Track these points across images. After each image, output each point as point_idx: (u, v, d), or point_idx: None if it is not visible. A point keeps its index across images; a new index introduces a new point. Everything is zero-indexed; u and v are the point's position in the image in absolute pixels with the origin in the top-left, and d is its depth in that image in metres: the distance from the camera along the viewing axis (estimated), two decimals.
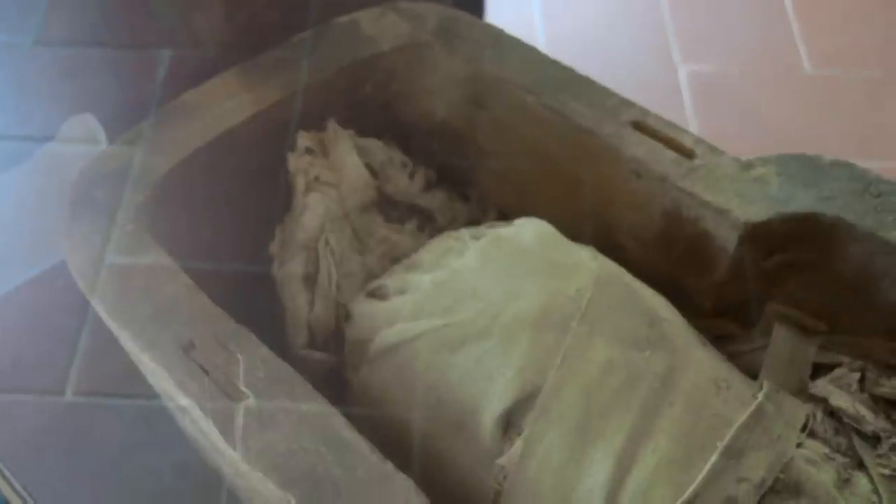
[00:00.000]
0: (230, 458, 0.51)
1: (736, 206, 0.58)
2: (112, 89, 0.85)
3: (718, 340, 0.60)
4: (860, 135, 1.04)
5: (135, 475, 0.76)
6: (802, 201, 0.58)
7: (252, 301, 0.60)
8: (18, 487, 0.62)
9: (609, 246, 0.61)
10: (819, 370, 0.58)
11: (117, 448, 0.77)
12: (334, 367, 0.59)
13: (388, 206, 0.64)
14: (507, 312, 0.53)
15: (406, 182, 0.64)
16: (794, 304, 0.61)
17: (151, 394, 0.64)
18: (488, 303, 0.54)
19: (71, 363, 0.84)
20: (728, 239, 0.58)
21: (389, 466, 0.48)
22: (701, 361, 0.54)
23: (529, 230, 0.58)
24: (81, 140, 0.72)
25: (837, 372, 0.57)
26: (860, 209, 0.58)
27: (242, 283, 0.61)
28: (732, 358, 0.59)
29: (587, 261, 0.56)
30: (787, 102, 1.09)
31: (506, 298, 0.53)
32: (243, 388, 0.51)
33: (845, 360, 0.57)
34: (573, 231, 0.60)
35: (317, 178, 0.60)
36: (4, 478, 0.64)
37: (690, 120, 1.06)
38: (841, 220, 0.57)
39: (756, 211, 0.58)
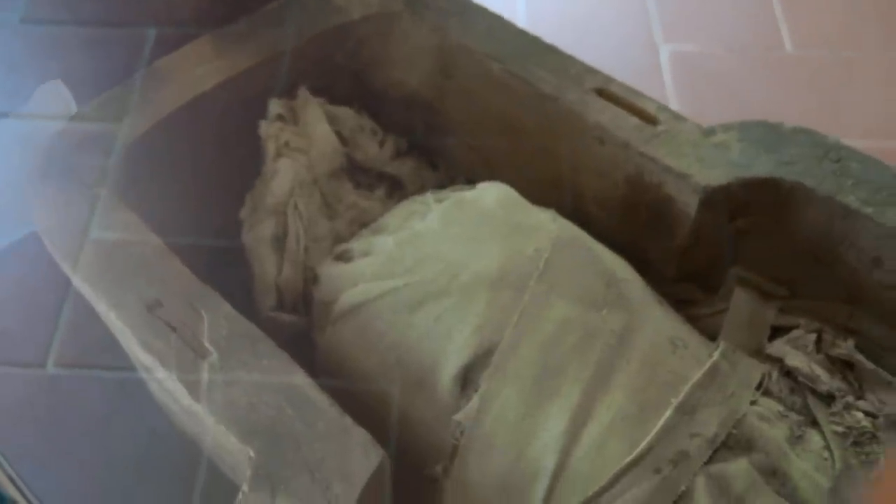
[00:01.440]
0: (195, 414, 0.52)
1: (697, 170, 0.59)
2: (98, 66, 0.85)
3: (681, 305, 0.61)
4: (842, 114, 1.05)
5: (114, 444, 0.77)
6: (762, 166, 0.59)
7: (223, 265, 0.61)
8: (25, 490, 0.63)
9: (574, 213, 0.62)
10: (778, 333, 0.59)
11: (98, 418, 0.78)
12: (302, 329, 0.60)
13: (357, 172, 0.65)
14: (466, 272, 0.54)
15: (376, 150, 0.65)
16: (755, 269, 0.62)
17: (131, 365, 0.65)
18: (448, 263, 0.54)
19: (53, 335, 0.85)
20: (689, 203, 0.59)
21: (348, 420, 0.49)
22: (658, 321, 0.55)
23: (492, 193, 0.58)
24: (52, 106, 0.73)
25: (794, 333, 0.58)
26: (819, 174, 0.59)
27: (213, 248, 0.62)
28: (694, 321, 0.60)
29: (547, 223, 0.57)
30: (768, 83, 1.10)
31: (466, 259, 0.54)
32: (208, 345, 0.52)
33: (802, 322, 0.58)
34: (539, 198, 0.61)
35: (287, 144, 0.61)
36: (11, 480, 0.65)
37: (672, 100, 1.06)
38: (800, 185, 0.58)
39: (716, 175, 0.58)
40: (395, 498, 0.52)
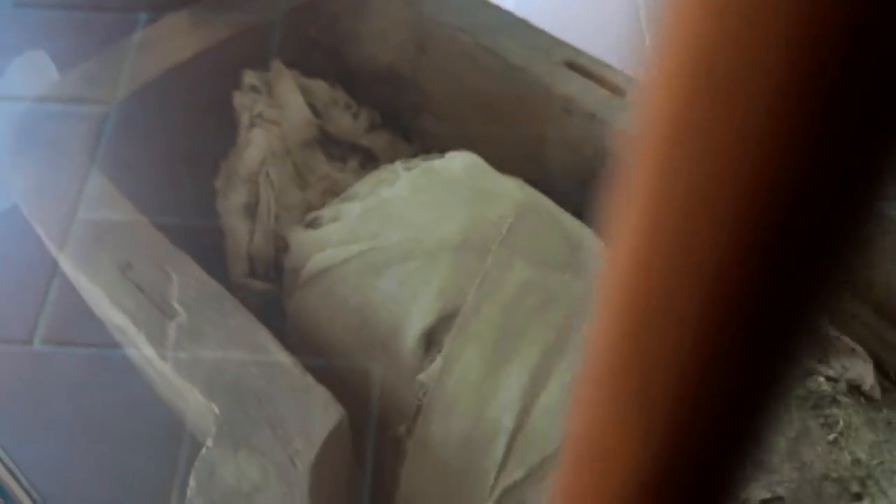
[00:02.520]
0: (162, 372, 0.53)
1: None
2: (90, 51, 0.87)
3: None
4: None
5: (97, 413, 0.78)
6: None
7: (199, 233, 0.62)
8: (27, 485, 0.64)
9: (545, 185, 0.63)
10: None
11: (80, 388, 0.79)
12: (274, 296, 0.61)
13: (331, 145, 0.65)
14: (430, 237, 0.55)
15: (349, 122, 0.66)
16: None
17: (116, 342, 0.66)
18: (414, 228, 0.55)
19: (40, 312, 0.86)
20: None
21: (310, 379, 0.50)
22: None
23: (459, 162, 0.59)
24: (32, 75, 0.74)
25: None
26: None
27: (190, 214, 0.63)
28: None
29: (513, 190, 0.58)
30: None
31: (431, 224, 0.55)
32: (176, 306, 0.53)
33: None
34: (511, 171, 0.62)
35: (260, 115, 0.62)
36: (14, 477, 0.65)
37: None
38: None
39: None
40: (358, 459, 0.53)
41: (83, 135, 0.60)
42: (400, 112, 0.69)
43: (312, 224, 0.59)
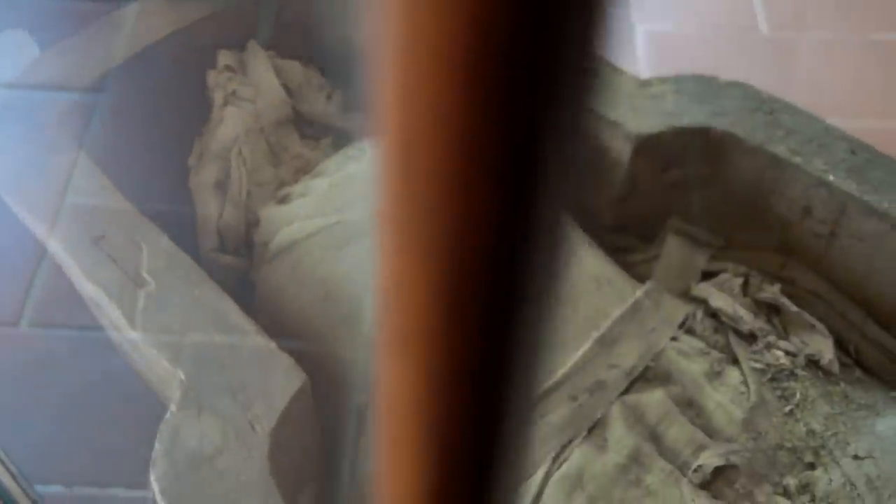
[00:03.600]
0: (133, 341, 0.54)
1: (630, 119, 0.60)
2: (70, 31, 0.88)
3: (619, 253, 0.63)
4: (815, 95, 1.06)
5: (76, 389, 0.79)
6: (695, 116, 0.60)
7: (170, 210, 0.63)
8: (29, 490, 0.65)
9: None
10: (709, 279, 0.60)
11: (66, 373, 0.80)
12: (244, 271, 0.62)
13: (305, 125, 0.66)
14: None
15: (323, 103, 0.66)
16: (692, 220, 0.63)
17: (101, 324, 0.67)
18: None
19: (27, 294, 0.87)
20: (623, 152, 0.60)
21: (273, 346, 0.51)
22: (584, 260, 0.56)
23: None
24: (13, 54, 0.75)
25: (721, 277, 0.59)
26: (750, 124, 0.60)
27: (164, 191, 0.64)
28: (629, 268, 0.61)
29: None
30: (743, 64, 1.10)
31: None
32: (145, 276, 0.54)
33: (730, 266, 0.59)
34: None
35: (234, 94, 0.63)
36: (16, 480, 0.66)
37: None
38: (731, 134, 0.59)
39: (649, 124, 0.60)
40: (322, 428, 0.54)
41: (60, 114, 0.61)
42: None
43: (283, 200, 0.60)
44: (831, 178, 0.57)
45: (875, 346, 0.57)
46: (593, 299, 0.54)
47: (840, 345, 0.57)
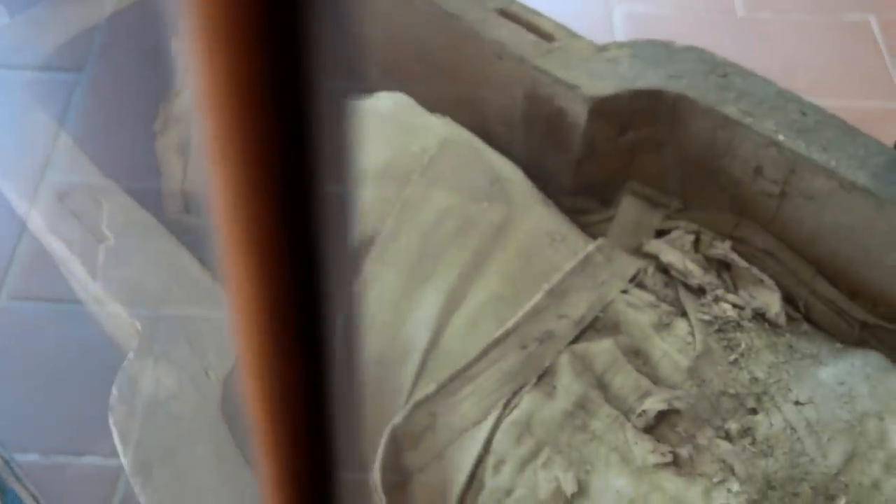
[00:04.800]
0: (93, 293, 0.55)
1: (585, 82, 0.61)
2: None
3: (578, 214, 0.64)
4: (792, 77, 1.07)
5: (54, 365, 0.80)
6: (650, 79, 0.61)
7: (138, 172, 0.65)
8: (31, 488, 0.66)
9: (480, 130, 0.65)
10: (662, 236, 0.62)
11: (41, 343, 0.82)
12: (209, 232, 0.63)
13: None
14: None
15: None
16: (649, 183, 0.64)
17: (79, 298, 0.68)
18: None
19: (7, 268, 0.88)
20: (579, 114, 0.62)
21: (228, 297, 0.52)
22: (538, 216, 0.58)
23: (387, 100, 0.61)
24: None
25: (673, 234, 0.60)
26: (704, 87, 0.61)
27: (129, 153, 0.65)
28: (586, 228, 0.62)
29: (437, 126, 0.60)
30: (719, 45, 1.11)
31: None
32: (106, 231, 0.56)
33: (682, 224, 0.60)
34: (443, 113, 0.64)
35: None
36: (17, 478, 0.67)
37: None
38: (684, 96, 0.61)
39: (604, 86, 0.61)
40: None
41: (27, 81, 0.63)
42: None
43: None
44: (781, 137, 0.58)
45: (824, 301, 0.58)
46: (546, 254, 0.56)
47: (790, 301, 0.58)
